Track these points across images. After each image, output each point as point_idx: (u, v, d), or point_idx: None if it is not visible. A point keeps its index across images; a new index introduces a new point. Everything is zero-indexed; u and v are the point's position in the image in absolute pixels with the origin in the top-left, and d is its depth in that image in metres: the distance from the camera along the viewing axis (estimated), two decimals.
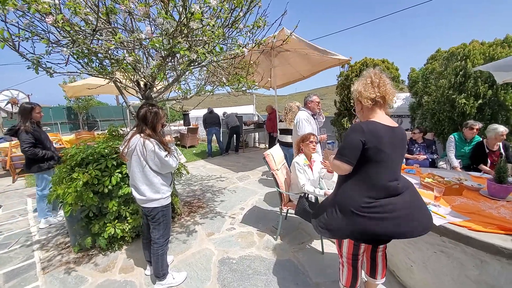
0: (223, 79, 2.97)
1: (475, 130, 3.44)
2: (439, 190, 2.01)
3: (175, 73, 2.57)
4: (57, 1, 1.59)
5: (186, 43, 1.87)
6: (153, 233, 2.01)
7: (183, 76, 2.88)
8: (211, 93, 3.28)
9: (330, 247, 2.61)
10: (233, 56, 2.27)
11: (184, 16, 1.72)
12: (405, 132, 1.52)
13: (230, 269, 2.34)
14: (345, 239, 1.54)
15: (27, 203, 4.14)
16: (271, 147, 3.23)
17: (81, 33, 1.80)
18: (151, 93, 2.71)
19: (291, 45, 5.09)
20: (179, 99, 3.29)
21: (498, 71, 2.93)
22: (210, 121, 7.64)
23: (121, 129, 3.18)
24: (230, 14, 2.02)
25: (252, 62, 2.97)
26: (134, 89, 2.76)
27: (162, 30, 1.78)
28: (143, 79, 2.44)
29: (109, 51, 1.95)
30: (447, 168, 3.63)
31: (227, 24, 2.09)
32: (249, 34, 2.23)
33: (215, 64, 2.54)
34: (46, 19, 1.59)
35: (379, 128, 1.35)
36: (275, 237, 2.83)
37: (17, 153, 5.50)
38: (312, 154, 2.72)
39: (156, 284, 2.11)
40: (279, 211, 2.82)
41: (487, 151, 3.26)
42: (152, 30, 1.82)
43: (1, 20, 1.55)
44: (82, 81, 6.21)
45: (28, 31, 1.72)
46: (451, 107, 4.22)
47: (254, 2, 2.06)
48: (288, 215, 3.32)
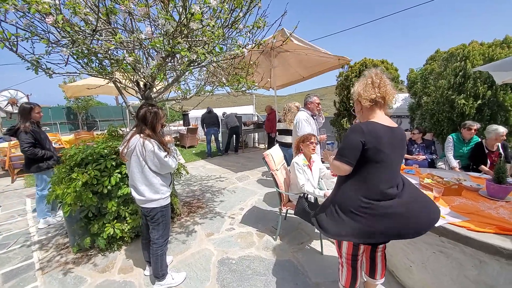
0: (223, 79, 2.97)
1: (473, 131, 3.45)
2: (438, 191, 2.02)
3: (174, 73, 2.57)
4: (57, 1, 1.59)
5: (186, 43, 1.87)
6: (152, 234, 2.01)
7: (183, 77, 2.88)
8: (210, 93, 3.28)
9: (329, 247, 2.61)
10: (233, 56, 2.27)
11: (184, 16, 1.72)
12: (405, 132, 1.53)
13: (229, 269, 2.34)
14: (345, 240, 1.54)
15: (26, 203, 4.14)
16: (270, 147, 3.23)
17: (81, 33, 1.80)
18: (150, 93, 2.71)
19: (291, 45, 5.10)
20: (179, 99, 3.29)
21: (497, 71, 2.95)
22: (209, 121, 7.57)
23: (120, 129, 3.18)
24: (230, 14, 2.02)
25: (252, 63, 2.97)
26: (134, 89, 2.76)
27: (163, 31, 1.78)
28: (142, 79, 2.44)
29: (109, 51, 1.95)
30: (446, 168, 3.64)
31: (227, 24, 2.09)
32: (249, 34, 2.23)
33: (215, 65, 2.54)
34: (46, 19, 1.59)
35: (378, 129, 1.36)
36: (274, 237, 2.83)
37: (16, 153, 5.50)
38: (312, 155, 2.72)
39: (155, 284, 2.10)
40: (278, 211, 2.82)
41: (486, 151, 3.27)
42: (152, 31, 1.83)
43: (1, 20, 1.55)
44: (82, 81, 6.20)
45: (28, 31, 1.72)
46: (450, 108, 4.23)
47: (254, 2, 2.06)
48: (288, 215, 3.32)
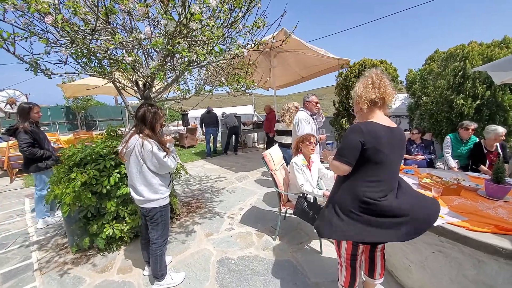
0: (222, 79, 2.97)
1: (470, 131, 3.46)
2: (437, 191, 2.03)
3: (174, 73, 2.56)
4: (56, 1, 1.59)
5: (185, 43, 1.87)
6: (151, 234, 2.01)
7: (182, 76, 2.88)
8: (210, 93, 3.28)
9: (328, 247, 2.61)
10: (232, 56, 2.27)
11: (184, 16, 1.72)
12: (404, 132, 1.53)
13: (228, 269, 2.34)
14: (345, 240, 1.54)
15: (25, 203, 4.13)
16: (269, 147, 3.23)
17: (80, 33, 1.80)
18: (150, 93, 2.71)
19: (291, 45, 5.11)
20: (178, 99, 3.29)
21: (495, 71, 2.95)
22: (208, 121, 7.60)
23: (119, 129, 3.17)
24: (229, 14, 2.02)
25: (251, 63, 2.97)
26: (133, 89, 2.76)
27: (165, 31, 1.78)
28: (142, 79, 2.44)
29: (108, 51, 1.95)
30: (445, 168, 3.64)
31: (226, 24, 2.09)
32: (248, 34, 2.23)
33: (214, 65, 2.54)
34: (46, 19, 1.59)
35: (377, 129, 1.36)
36: (273, 237, 2.83)
37: (14, 153, 5.48)
38: (311, 155, 2.73)
39: (154, 284, 2.10)
40: (277, 211, 2.82)
41: (485, 151, 3.28)
42: (151, 30, 1.82)
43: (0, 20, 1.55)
44: (81, 80, 6.19)
45: (26, 30, 1.72)
46: (449, 108, 4.24)
47: (253, 2, 2.06)
48: (287, 215, 3.32)
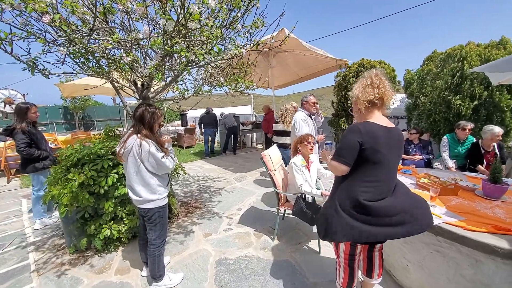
0: (221, 79, 2.97)
1: (467, 131, 3.48)
2: (434, 190, 2.04)
3: (172, 73, 2.56)
4: (54, 0, 1.58)
5: (184, 43, 1.86)
6: (149, 234, 2.00)
7: (181, 76, 2.88)
8: (208, 93, 3.27)
9: (327, 247, 2.61)
10: (231, 56, 2.27)
11: (182, 16, 1.72)
12: (402, 132, 1.54)
13: (227, 269, 2.34)
14: (346, 241, 1.53)
15: (22, 204, 4.10)
16: (267, 147, 3.23)
17: (78, 32, 1.79)
18: (148, 93, 2.70)
19: (289, 46, 5.12)
20: (177, 99, 3.28)
21: (493, 72, 2.97)
22: (206, 121, 7.66)
23: (117, 130, 3.16)
24: (228, 14, 2.02)
25: (250, 63, 2.97)
26: (131, 89, 2.75)
27: (163, 31, 1.77)
28: (140, 79, 2.43)
29: (106, 51, 1.94)
30: (442, 168, 3.66)
31: (225, 24, 2.09)
32: (247, 34, 2.23)
33: (213, 65, 2.53)
34: (43, 18, 1.58)
35: (375, 129, 1.36)
36: (272, 237, 2.83)
37: (11, 153, 5.44)
38: (310, 155, 2.73)
39: (152, 285, 2.09)
40: (276, 211, 2.82)
41: (482, 151, 3.30)
42: (150, 30, 1.82)
43: None
44: (79, 80, 6.17)
45: (24, 30, 1.71)
46: (447, 108, 4.26)
47: (252, 2, 2.06)
48: (286, 215, 3.32)
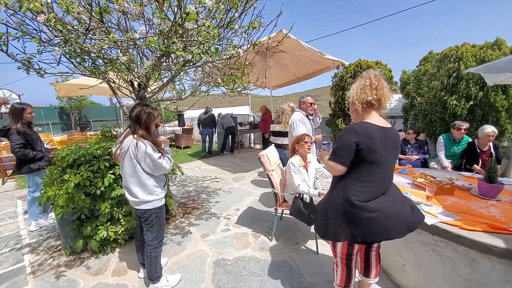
0: (218, 79, 2.96)
1: (462, 130, 3.52)
2: (431, 190, 2.05)
3: (169, 73, 2.55)
4: (49, 0, 1.57)
5: (181, 43, 1.85)
6: (146, 235, 1.98)
7: (178, 77, 2.87)
8: (206, 94, 3.27)
9: (324, 247, 2.62)
10: (228, 56, 2.26)
11: (179, 16, 1.71)
12: (398, 133, 1.54)
13: (225, 270, 2.33)
14: (342, 240, 1.54)
15: (17, 205, 4.05)
16: (264, 147, 3.22)
17: (73, 32, 1.78)
18: (145, 93, 2.69)
19: (288, 46, 5.13)
20: (174, 99, 3.27)
21: (488, 73, 3.00)
22: (204, 121, 7.72)
23: (114, 130, 3.13)
24: (225, 14, 2.02)
25: (247, 63, 2.97)
26: (128, 89, 2.73)
27: (158, 30, 1.77)
28: (137, 79, 2.42)
29: (102, 51, 1.93)
30: (439, 168, 3.69)
31: (222, 24, 2.08)
32: (244, 35, 2.23)
33: (210, 65, 2.53)
34: (38, 17, 1.56)
35: (372, 129, 1.37)
36: (270, 237, 2.83)
37: (6, 154, 5.38)
38: (308, 155, 2.73)
39: (149, 287, 2.07)
40: (274, 211, 2.82)
41: (478, 151, 3.33)
42: (146, 30, 1.81)
43: None
44: (75, 80, 6.12)
45: (19, 30, 1.69)
46: (442, 108, 4.29)
47: (249, 3, 2.05)
48: (283, 215, 3.32)
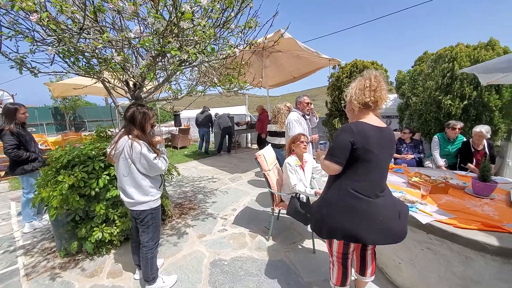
0: (215, 79, 2.95)
1: (457, 130, 3.56)
2: (425, 189, 2.07)
3: (165, 73, 2.53)
4: None
5: (176, 43, 1.84)
6: (142, 236, 1.97)
7: (174, 76, 2.85)
8: (202, 94, 3.25)
9: (321, 246, 2.62)
10: (224, 56, 2.26)
11: (175, 15, 1.70)
12: (393, 132, 1.55)
13: (221, 271, 2.33)
14: (337, 239, 1.55)
15: (11, 206, 3.99)
16: (260, 147, 3.22)
17: (67, 31, 1.75)
18: (140, 93, 2.67)
19: (285, 46, 5.13)
20: (170, 99, 3.25)
21: (482, 73, 3.03)
22: (200, 121, 7.86)
23: (109, 130, 3.10)
24: (221, 14, 2.01)
25: (243, 63, 2.96)
26: (123, 89, 2.71)
27: (153, 30, 1.75)
28: (132, 79, 2.40)
29: (96, 50, 1.91)
30: (433, 167, 3.73)
31: (218, 24, 2.07)
32: (240, 34, 2.22)
33: (206, 65, 2.52)
34: (30, 17, 1.54)
35: (367, 129, 1.38)
36: (267, 237, 2.83)
37: None
38: (304, 154, 2.74)
39: None
40: (271, 211, 2.82)
41: (472, 150, 3.37)
42: (141, 30, 1.79)
43: None
44: (70, 80, 6.05)
45: (11, 29, 1.66)
46: (437, 108, 4.33)
47: (245, 2, 2.05)
48: (280, 215, 3.32)
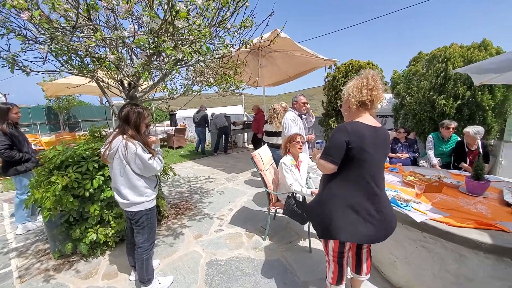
0: (211, 79, 2.94)
1: (451, 129, 3.61)
2: (420, 188, 2.09)
3: (160, 72, 2.51)
4: None
5: (171, 42, 1.83)
6: (137, 238, 1.95)
7: (169, 76, 2.83)
8: (198, 93, 3.23)
9: (317, 245, 2.63)
10: (220, 55, 2.25)
11: (169, 14, 1.69)
12: (388, 132, 1.57)
13: (218, 271, 2.32)
14: (333, 239, 1.56)
15: (3, 208, 3.92)
16: (255, 147, 3.22)
17: (60, 30, 1.73)
18: (135, 93, 2.64)
19: (282, 45, 5.14)
20: (165, 99, 3.23)
21: (475, 73, 3.07)
22: (196, 120, 7.95)
23: (104, 130, 3.07)
24: (217, 13, 2.00)
25: (239, 62, 2.95)
26: (118, 89, 2.68)
27: (148, 29, 1.74)
28: (126, 78, 2.37)
29: (89, 49, 1.88)
30: (428, 166, 3.77)
31: (214, 23, 2.06)
32: (236, 34, 2.21)
33: (202, 64, 2.51)
34: (22, 14, 1.51)
35: (362, 128, 1.38)
36: (263, 237, 2.83)
37: None
38: (300, 154, 2.74)
39: None
40: (267, 211, 2.82)
41: (466, 150, 3.42)
42: (135, 28, 1.77)
43: None
44: (63, 79, 5.98)
45: (3, 27, 1.63)
46: (431, 108, 4.38)
47: (241, 2, 2.04)
48: (277, 215, 3.32)
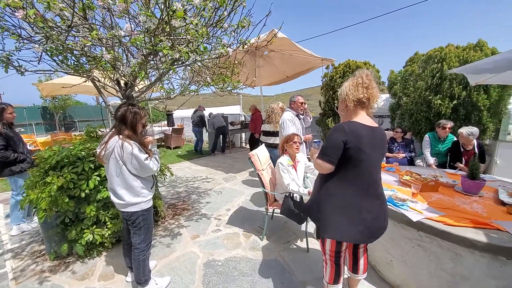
0: (208, 78, 2.93)
1: (447, 129, 3.64)
2: (416, 187, 2.10)
3: (157, 72, 2.50)
4: None
5: (168, 41, 1.82)
6: (133, 238, 1.93)
7: (166, 76, 2.81)
8: (195, 93, 3.22)
9: (315, 245, 2.64)
10: (217, 55, 2.24)
11: (166, 13, 1.68)
12: (385, 132, 1.57)
13: (215, 271, 2.31)
14: (330, 238, 1.57)
15: None
16: (252, 147, 3.22)
17: (55, 29, 1.71)
18: (132, 93, 2.62)
19: (280, 45, 5.14)
20: (162, 98, 3.21)
21: (470, 73, 3.09)
22: (193, 120, 8.03)
23: (100, 130, 3.04)
24: (214, 13, 2.00)
25: (237, 62, 2.95)
26: (114, 88, 2.66)
27: (144, 28, 1.73)
28: (123, 77, 2.36)
29: (85, 48, 1.87)
30: (424, 166, 3.80)
31: (211, 23, 2.06)
32: (233, 34, 2.21)
33: (199, 64, 2.50)
34: (16, 13, 1.50)
35: (359, 128, 1.39)
36: (261, 237, 2.82)
37: None
38: (297, 154, 2.75)
39: None
40: (265, 211, 2.82)
41: (462, 150, 3.45)
42: (132, 28, 1.76)
43: None
44: (59, 79, 5.92)
45: None
46: (427, 108, 4.41)
47: (238, 1, 2.04)
48: (274, 214, 3.33)
